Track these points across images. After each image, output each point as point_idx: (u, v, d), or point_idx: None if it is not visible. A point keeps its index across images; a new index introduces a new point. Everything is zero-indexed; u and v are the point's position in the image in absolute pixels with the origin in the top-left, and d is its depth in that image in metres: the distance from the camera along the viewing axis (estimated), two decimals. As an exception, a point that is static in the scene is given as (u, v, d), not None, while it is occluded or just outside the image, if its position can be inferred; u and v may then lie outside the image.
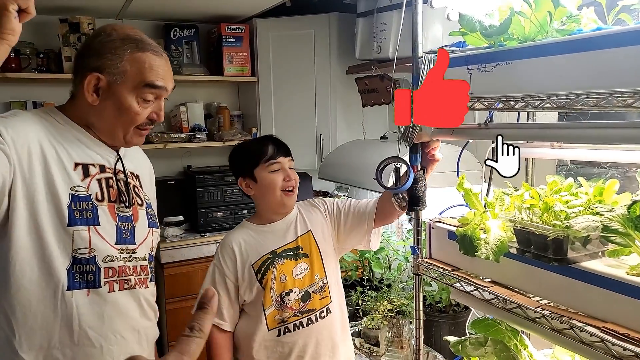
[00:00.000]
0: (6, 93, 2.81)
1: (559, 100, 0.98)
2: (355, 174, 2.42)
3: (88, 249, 1.13)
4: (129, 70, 1.16)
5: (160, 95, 1.22)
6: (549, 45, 0.99)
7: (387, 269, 2.37)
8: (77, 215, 1.12)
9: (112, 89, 1.17)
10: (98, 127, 1.22)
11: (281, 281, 1.49)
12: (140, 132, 1.23)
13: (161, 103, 1.23)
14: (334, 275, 1.59)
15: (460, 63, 1.16)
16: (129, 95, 1.17)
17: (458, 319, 1.98)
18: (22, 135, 1.09)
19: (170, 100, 3.22)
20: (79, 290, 1.13)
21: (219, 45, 3.04)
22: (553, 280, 1.06)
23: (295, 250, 1.54)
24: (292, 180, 1.52)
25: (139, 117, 1.19)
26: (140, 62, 1.17)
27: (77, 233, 1.12)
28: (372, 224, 1.56)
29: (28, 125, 1.12)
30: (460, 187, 1.27)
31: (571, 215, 1.02)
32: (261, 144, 1.55)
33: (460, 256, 1.22)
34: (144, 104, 1.19)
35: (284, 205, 1.54)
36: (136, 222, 1.25)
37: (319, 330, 1.52)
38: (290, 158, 1.56)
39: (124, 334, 1.20)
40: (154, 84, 1.18)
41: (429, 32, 2.01)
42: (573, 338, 0.98)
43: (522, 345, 1.28)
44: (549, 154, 1.28)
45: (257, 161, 1.52)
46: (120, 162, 1.27)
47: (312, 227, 1.57)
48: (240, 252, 1.52)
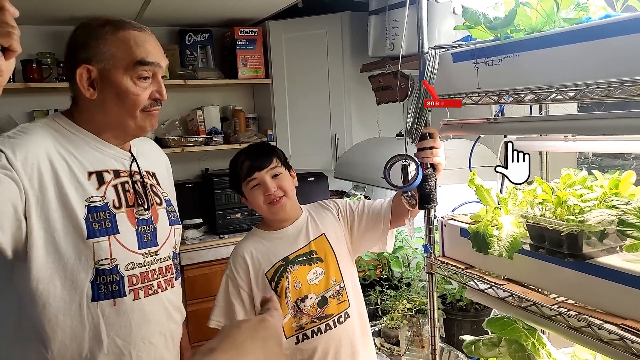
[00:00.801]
0: (30, 103, 2.89)
1: (568, 92, 0.96)
2: (371, 173, 2.40)
3: (110, 259, 1.12)
4: (116, 52, 1.12)
5: (156, 72, 1.17)
6: (556, 35, 0.96)
7: (406, 268, 2.34)
8: (95, 227, 1.11)
9: (105, 76, 1.13)
10: (107, 124, 1.18)
11: (296, 288, 1.46)
12: (149, 114, 1.19)
13: (159, 80, 1.18)
14: (351, 279, 1.55)
15: (466, 57, 1.14)
16: (123, 77, 1.13)
17: (479, 317, 1.95)
18: (32, 155, 1.07)
19: (186, 104, 3.30)
20: (105, 301, 1.13)
21: (233, 49, 3.06)
22: (569, 277, 1.02)
23: (309, 255, 1.50)
24: (272, 194, 1.45)
25: (140, 98, 1.15)
26: (125, 40, 1.13)
27: (98, 245, 1.11)
28: (387, 225, 1.52)
29: (37, 142, 1.10)
30: (471, 183, 1.24)
31: (585, 209, 0.99)
32: (238, 160, 1.50)
33: (473, 254, 1.19)
34: (142, 84, 1.15)
35: (276, 214, 1.49)
36: (156, 222, 1.24)
37: (338, 336, 1.48)
38: (272, 166, 1.47)
39: (152, 340, 1.19)
40: (144, 60, 1.13)
41: (442, 26, 1.98)
42: (591, 336, 0.95)
43: (540, 344, 1.25)
44: (563, 146, 1.24)
45: (238, 181, 1.49)
46: (135, 162, 1.25)
47: (325, 230, 1.53)
48: (252, 262, 1.49)
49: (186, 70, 3.05)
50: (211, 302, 2.79)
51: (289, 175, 1.52)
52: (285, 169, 1.52)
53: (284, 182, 1.48)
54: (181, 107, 3.25)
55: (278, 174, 1.48)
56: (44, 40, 2.93)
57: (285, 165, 1.53)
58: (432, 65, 1.22)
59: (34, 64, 2.73)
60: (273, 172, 1.47)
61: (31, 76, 2.72)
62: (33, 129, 1.13)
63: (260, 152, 1.50)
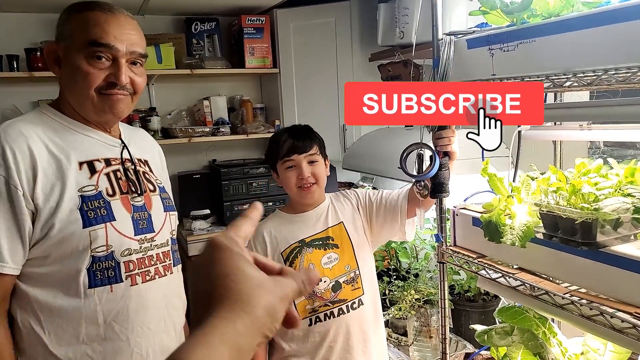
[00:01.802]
0: (34, 92, 2.87)
1: (586, 78, 0.94)
2: (380, 163, 2.39)
3: (105, 246, 1.13)
4: (74, 30, 1.13)
5: (116, 56, 1.14)
6: (574, 19, 0.95)
7: (414, 259, 2.34)
8: (91, 215, 1.12)
9: (66, 55, 1.14)
10: (71, 101, 1.18)
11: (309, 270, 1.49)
12: (106, 97, 1.16)
13: (120, 64, 1.14)
14: (368, 268, 1.57)
15: (481, 43, 1.13)
16: (78, 56, 1.12)
17: (487, 307, 1.94)
18: (27, 156, 1.09)
19: (193, 94, 3.29)
20: (101, 287, 1.14)
21: (240, 38, 3.04)
22: (582, 265, 1.02)
23: (325, 240, 1.54)
24: (306, 178, 1.49)
25: (92, 77, 1.12)
26: (85, 20, 1.12)
27: (94, 233, 1.12)
28: (405, 215, 1.53)
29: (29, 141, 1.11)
30: (484, 172, 1.23)
31: (600, 197, 0.98)
32: (280, 138, 1.53)
33: (485, 243, 1.18)
34: (95, 63, 1.13)
35: (303, 199, 1.54)
36: (151, 209, 1.24)
37: (351, 321, 1.51)
38: (310, 152, 1.51)
39: (150, 326, 1.20)
40: (96, 41, 1.11)
41: (453, 13, 1.96)
42: (604, 325, 0.95)
43: (551, 333, 1.25)
44: (578, 135, 1.23)
45: (276, 157, 1.53)
46: (126, 149, 1.25)
47: (343, 219, 1.57)
48: (270, 241, 1.53)
49: (193, 59, 3.04)
50: (218, 291, 2.82)
51: (324, 164, 1.56)
52: (322, 157, 1.56)
53: (318, 169, 1.52)
54: (188, 97, 3.25)
55: (315, 161, 1.52)
56: (48, 29, 2.91)
57: (322, 154, 1.57)
58: (447, 52, 1.20)
59: (38, 53, 2.71)
60: (310, 158, 1.52)
61: (35, 65, 2.70)
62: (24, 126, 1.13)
63: (303, 135, 1.53)
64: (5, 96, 2.81)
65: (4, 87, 2.83)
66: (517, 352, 1.19)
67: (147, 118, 2.95)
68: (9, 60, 2.69)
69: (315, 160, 1.52)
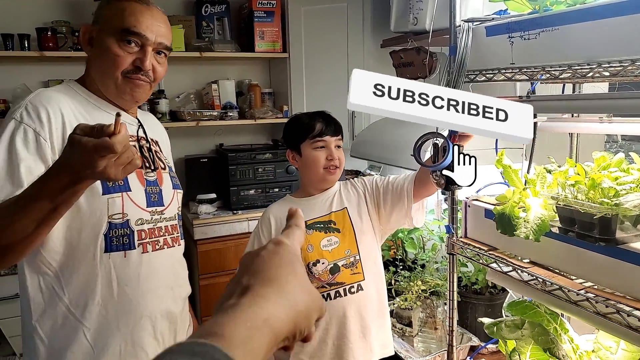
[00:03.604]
0: (44, 72, 2.87)
1: (610, 68, 0.91)
2: (388, 152, 2.36)
3: (122, 214, 1.21)
4: (111, 16, 1.22)
5: (144, 44, 1.22)
6: (600, 7, 0.91)
7: (421, 249, 2.32)
8: (109, 184, 1.19)
9: (99, 36, 1.22)
10: (96, 79, 1.25)
11: (308, 251, 1.53)
12: (130, 80, 1.23)
13: (147, 52, 1.23)
14: (371, 255, 1.57)
15: (501, 31, 1.09)
16: (109, 39, 1.21)
17: (494, 301, 1.93)
18: (59, 117, 1.16)
19: (201, 77, 3.27)
20: (116, 253, 1.21)
21: (250, 21, 3.00)
22: (598, 262, 0.99)
23: (327, 224, 1.56)
24: (335, 160, 1.54)
25: (120, 59, 1.21)
26: (120, 8, 1.21)
27: (112, 200, 1.19)
28: (411, 199, 1.52)
29: (60, 105, 1.18)
30: (499, 163, 1.20)
31: (621, 192, 0.95)
32: (312, 119, 1.57)
33: (497, 236, 1.16)
34: (125, 47, 1.21)
35: (326, 181, 1.58)
36: (162, 185, 1.32)
37: (347, 305, 1.51)
38: (339, 137, 1.57)
39: (158, 292, 1.28)
40: (129, 29, 1.20)
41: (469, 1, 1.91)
42: (619, 323, 0.93)
43: (562, 329, 1.23)
44: (598, 128, 1.19)
45: (304, 136, 1.56)
46: (142, 128, 1.33)
47: (348, 205, 1.59)
48: (276, 223, 1.58)
49: (202, 42, 3.00)
50: (224, 276, 2.83)
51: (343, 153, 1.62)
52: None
53: (342, 155, 1.59)
54: (196, 81, 3.22)
55: (340, 146, 1.59)
56: (60, 9, 2.89)
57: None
58: (464, 39, 1.17)
59: (49, 32, 2.70)
60: (338, 143, 1.58)
61: (46, 45, 2.69)
62: (54, 95, 1.20)
63: (333, 120, 1.59)
64: (16, 75, 2.80)
65: (15, 65, 2.82)
66: (527, 346, 1.17)
67: (156, 100, 2.93)
68: (20, 40, 2.67)
69: (341, 146, 1.59)
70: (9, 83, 2.75)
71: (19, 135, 1.11)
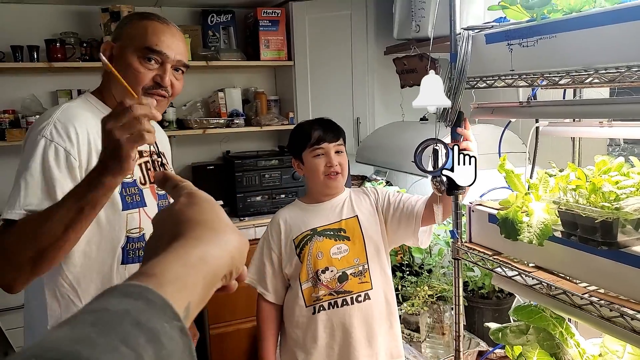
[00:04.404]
0: (53, 82, 2.90)
1: (607, 75, 0.92)
2: (393, 157, 2.37)
3: (139, 228, 1.27)
4: (134, 34, 1.26)
5: (164, 61, 1.26)
6: (597, 15, 0.92)
7: (427, 254, 2.32)
8: (128, 200, 1.25)
9: (121, 53, 1.26)
10: (117, 96, 1.28)
11: (317, 258, 1.53)
12: (150, 95, 1.26)
13: (166, 69, 1.27)
14: (379, 264, 1.58)
15: (500, 38, 1.11)
16: (131, 55, 1.24)
17: (501, 305, 1.93)
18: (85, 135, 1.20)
19: (208, 86, 3.30)
20: (132, 265, 1.27)
21: (256, 30, 3.03)
22: (601, 265, 1.00)
23: (337, 232, 1.56)
24: (334, 167, 1.54)
25: (141, 75, 1.24)
26: (143, 27, 1.26)
27: (130, 215, 1.25)
28: (419, 222, 1.53)
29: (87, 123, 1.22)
30: (501, 168, 1.21)
31: (622, 196, 0.96)
32: (310, 127, 1.58)
33: (501, 240, 1.17)
34: (146, 64, 1.24)
35: (329, 187, 1.58)
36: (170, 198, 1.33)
37: (354, 313, 1.51)
38: (338, 142, 1.57)
39: None
40: (152, 47, 1.24)
41: (470, 8, 1.93)
42: (624, 326, 0.93)
43: (568, 334, 1.23)
44: (598, 132, 1.20)
45: (304, 145, 1.57)
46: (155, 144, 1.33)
47: (358, 213, 1.59)
48: (285, 227, 1.59)
49: (208, 51, 3.04)
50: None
51: (346, 157, 1.61)
52: (345, 150, 1.62)
53: (343, 160, 1.58)
54: (203, 89, 3.25)
55: (341, 151, 1.58)
56: (68, 20, 2.94)
57: (345, 146, 1.62)
58: (464, 47, 1.18)
59: (57, 44, 2.74)
60: (337, 148, 1.58)
61: (55, 55, 2.73)
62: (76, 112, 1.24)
63: (331, 126, 1.60)
64: (25, 86, 2.85)
65: (24, 76, 2.87)
66: (533, 352, 1.17)
67: (163, 109, 2.96)
68: (29, 51, 2.72)
69: (341, 150, 1.59)
70: (18, 93, 2.79)
71: (51, 154, 1.14)
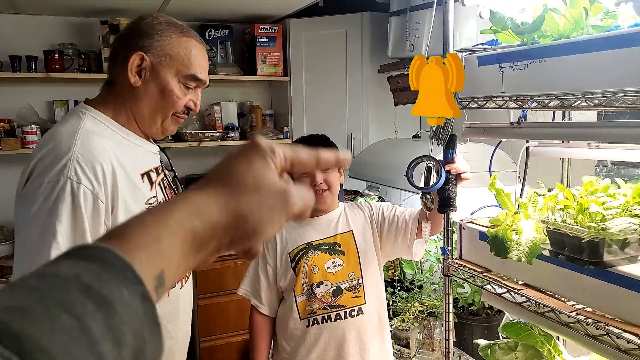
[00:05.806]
0: (50, 93, 2.92)
1: (594, 99, 0.95)
2: (386, 173, 2.40)
3: None
4: (175, 54, 1.16)
5: (199, 86, 1.23)
6: (584, 42, 0.96)
7: (418, 270, 2.34)
8: None
9: (157, 70, 1.15)
10: (136, 112, 1.19)
11: (312, 272, 1.54)
12: (177, 119, 1.23)
13: (199, 94, 1.25)
14: (373, 279, 1.59)
15: (492, 61, 1.14)
16: (173, 79, 1.17)
17: (491, 322, 1.94)
18: (110, 173, 1.09)
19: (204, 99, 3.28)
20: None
21: (253, 45, 3.08)
22: (588, 284, 1.02)
23: (332, 246, 1.57)
24: (320, 184, 1.53)
25: (180, 102, 1.19)
26: (187, 47, 1.18)
27: None
28: (414, 235, 1.55)
29: (111, 158, 1.10)
30: (492, 187, 1.24)
31: (607, 217, 0.99)
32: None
33: (491, 258, 1.19)
34: (185, 90, 1.19)
35: (318, 204, 1.57)
36: None
37: (347, 328, 1.52)
38: None
39: (183, 318, 1.31)
40: (197, 76, 1.19)
41: (463, 30, 1.98)
42: (609, 345, 0.95)
43: (555, 351, 1.25)
44: (586, 154, 1.24)
45: None
46: (165, 155, 1.32)
47: (354, 228, 1.60)
48: (281, 241, 1.59)
49: (206, 63, 3.07)
50: (222, 296, 2.84)
51: (337, 172, 1.59)
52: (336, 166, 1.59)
53: (330, 177, 1.56)
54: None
55: (328, 168, 1.55)
56: (66, 31, 2.96)
57: None
58: (457, 68, 1.21)
59: (55, 54, 2.76)
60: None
61: (53, 66, 2.76)
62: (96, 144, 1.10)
63: (318, 143, 1.58)
64: (22, 95, 2.86)
65: (21, 86, 2.88)
66: (521, 368, 1.19)
67: (158, 122, 2.97)
68: (27, 61, 2.74)
69: (330, 168, 1.56)
70: (15, 103, 2.80)
71: (80, 198, 1.03)
